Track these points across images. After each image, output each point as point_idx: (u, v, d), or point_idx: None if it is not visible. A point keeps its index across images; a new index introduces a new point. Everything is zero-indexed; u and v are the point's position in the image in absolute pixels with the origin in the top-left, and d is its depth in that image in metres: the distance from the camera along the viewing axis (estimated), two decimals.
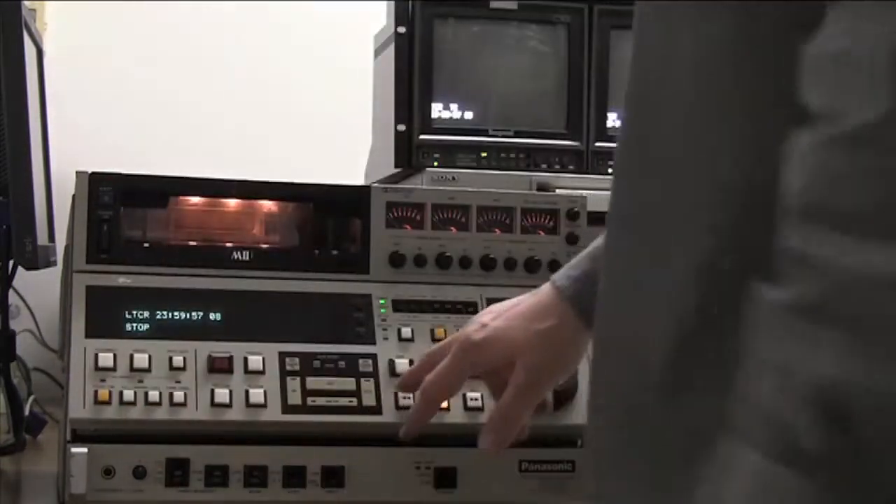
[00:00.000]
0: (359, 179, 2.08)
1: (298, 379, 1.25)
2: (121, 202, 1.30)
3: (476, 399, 1.28)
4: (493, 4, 1.83)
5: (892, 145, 0.57)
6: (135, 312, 1.26)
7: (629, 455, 0.84)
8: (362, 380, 1.27)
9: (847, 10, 0.61)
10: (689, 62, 0.78)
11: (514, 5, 1.83)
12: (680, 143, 0.79)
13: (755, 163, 0.72)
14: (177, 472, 1.21)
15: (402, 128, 1.80)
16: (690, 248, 0.77)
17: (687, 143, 0.78)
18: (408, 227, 1.36)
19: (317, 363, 1.27)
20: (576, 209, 1.40)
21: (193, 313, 1.28)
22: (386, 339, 1.30)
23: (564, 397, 1.29)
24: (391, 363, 1.28)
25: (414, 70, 1.80)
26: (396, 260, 1.35)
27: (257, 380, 1.24)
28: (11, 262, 1.53)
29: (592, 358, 0.89)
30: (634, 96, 0.83)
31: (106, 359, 1.22)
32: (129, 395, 1.21)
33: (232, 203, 1.37)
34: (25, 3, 1.56)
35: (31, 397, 1.83)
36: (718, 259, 0.75)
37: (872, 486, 0.58)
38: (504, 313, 1.17)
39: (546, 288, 1.14)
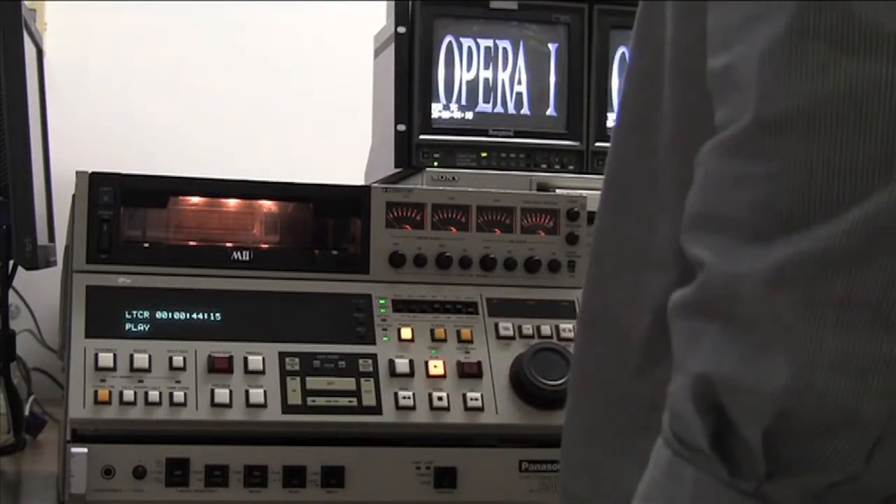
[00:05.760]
0: (359, 179, 2.08)
1: (298, 379, 1.25)
2: (121, 202, 1.30)
3: (476, 399, 1.28)
4: (493, 4, 1.83)
5: (757, 152, 0.61)
6: (135, 312, 1.26)
7: (602, 423, 0.87)
8: (362, 380, 1.27)
9: (722, 27, 0.65)
10: (671, 59, 0.81)
11: (514, 5, 1.83)
12: (667, 129, 0.82)
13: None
14: (177, 472, 1.21)
15: (402, 128, 1.80)
16: (670, 228, 0.79)
17: (673, 130, 0.81)
18: (408, 227, 1.36)
19: (317, 363, 1.27)
20: (576, 209, 1.40)
21: (193, 313, 1.28)
22: (386, 339, 1.30)
23: (563, 397, 1.29)
24: (391, 363, 1.28)
25: (414, 70, 1.80)
26: (396, 260, 1.35)
27: (257, 380, 1.24)
28: (11, 262, 1.53)
29: (578, 326, 0.92)
30: (639, 80, 0.86)
31: (106, 359, 1.22)
32: (129, 395, 1.21)
33: (232, 203, 1.37)
34: (25, 3, 1.56)
35: (31, 397, 1.83)
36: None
37: (746, 472, 0.61)
38: None
39: None
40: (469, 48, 1.83)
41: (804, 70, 0.60)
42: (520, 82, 1.84)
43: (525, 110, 1.84)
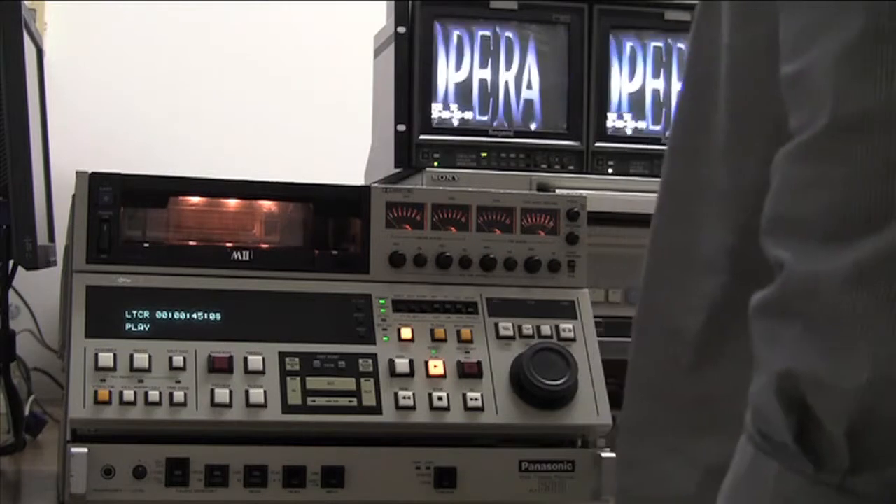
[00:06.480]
0: (359, 179, 2.08)
1: (298, 379, 1.25)
2: (121, 202, 1.30)
3: (476, 399, 1.28)
4: (493, 4, 1.83)
5: (832, 155, 0.63)
6: (135, 312, 1.26)
7: (651, 421, 0.90)
8: (362, 380, 1.27)
9: (794, 34, 0.67)
10: (728, 66, 0.83)
11: (514, 5, 1.83)
12: (722, 137, 0.84)
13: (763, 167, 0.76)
14: (177, 472, 1.21)
15: (402, 128, 1.80)
16: (722, 231, 0.83)
17: (729, 137, 0.84)
18: (408, 227, 1.36)
19: (317, 363, 1.27)
20: (576, 209, 1.40)
21: (193, 313, 1.28)
22: (386, 339, 1.30)
23: (563, 397, 1.29)
24: (391, 363, 1.28)
25: (414, 70, 1.80)
26: (396, 260, 1.35)
27: (257, 380, 1.24)
28: (11, 262, 1.53)
29: (633, 325, 0.94)
30: (696, 85, 0.88)
31: (106, 359, 1.22)
32: (129, 395, 1.21)
33: (232, 203, 1.37)
34: (25, 3, 1.56)
35: (31, 397, 1.83)
36: (745, 244, 0.79)
37: (830, 466, 0.63)
38: None
39: None
40: (469, 48, 1.83)
41: (878, 73, 0.61)
42: (519, 82, 1.84)
43: (525, 110, 1.84)
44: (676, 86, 1.88)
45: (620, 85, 1.86)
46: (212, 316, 1.28)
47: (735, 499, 0.71)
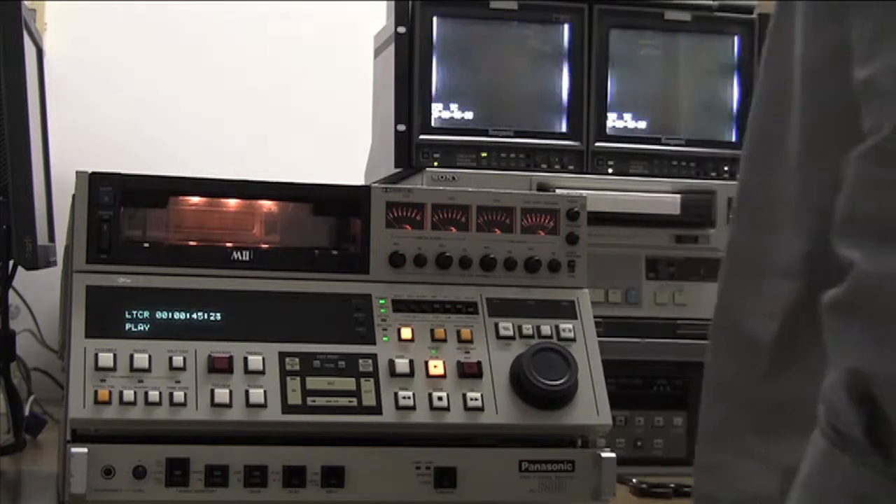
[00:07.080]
0: (359, 179, 2.08)
1: (298, 379, 1.25)
2: (121, 202, 1.30)
3: (476, 399, 1.28)
4: (493, 4, 1.82)
5: None
6: (135, 312, 1.26)
7: (726, 426, 0.92)
8: (362, 380, 1.27)
9: (864, 39, 0.69)
10: (801, 75, 0.85)
11: (514, 5, 1.83)
12: (796, 144, 0.86)
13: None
14: (177, 472, 1.21)
15: (402, 128, 1.80)
16: (797, 239, 0.85)
17: (804, 144, 0.86)
18: (408, 227, 1.36)
19: (317, 363, 1.27)
20: (576, 209, 1.40)
21: (193, 313, 1.28)
22: (386, 339, 1.30)
23: (563, 396, 1.29)
24: (391, 363, 1.28)
25: (414, 70, 1.80)
26: (396, 260, 1.35)
27: (257, 380, 1.24)
28: (11, 262, 1.53)
29: (710, 332, 0.96)
30: (770, 96, 0.90)
31: (106, 359, 1.22)
32: (129, 395, 1.21)
33: (232, 203, 1.37)
34: (25, 3, 1.56)
35: (31, 397, 1.83)
36: (821, 250, 0.81)
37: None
38: None
39: None
40: (469, 48, 1.83)
41: None
42: (520, 82, 1.84)
43: (525, 110, 1.84)
44: (677, 86, 1.88)
45: (620, 85, 1.86)
46: (212, 316, 1.28)
47: (807, 491, 0.72)
